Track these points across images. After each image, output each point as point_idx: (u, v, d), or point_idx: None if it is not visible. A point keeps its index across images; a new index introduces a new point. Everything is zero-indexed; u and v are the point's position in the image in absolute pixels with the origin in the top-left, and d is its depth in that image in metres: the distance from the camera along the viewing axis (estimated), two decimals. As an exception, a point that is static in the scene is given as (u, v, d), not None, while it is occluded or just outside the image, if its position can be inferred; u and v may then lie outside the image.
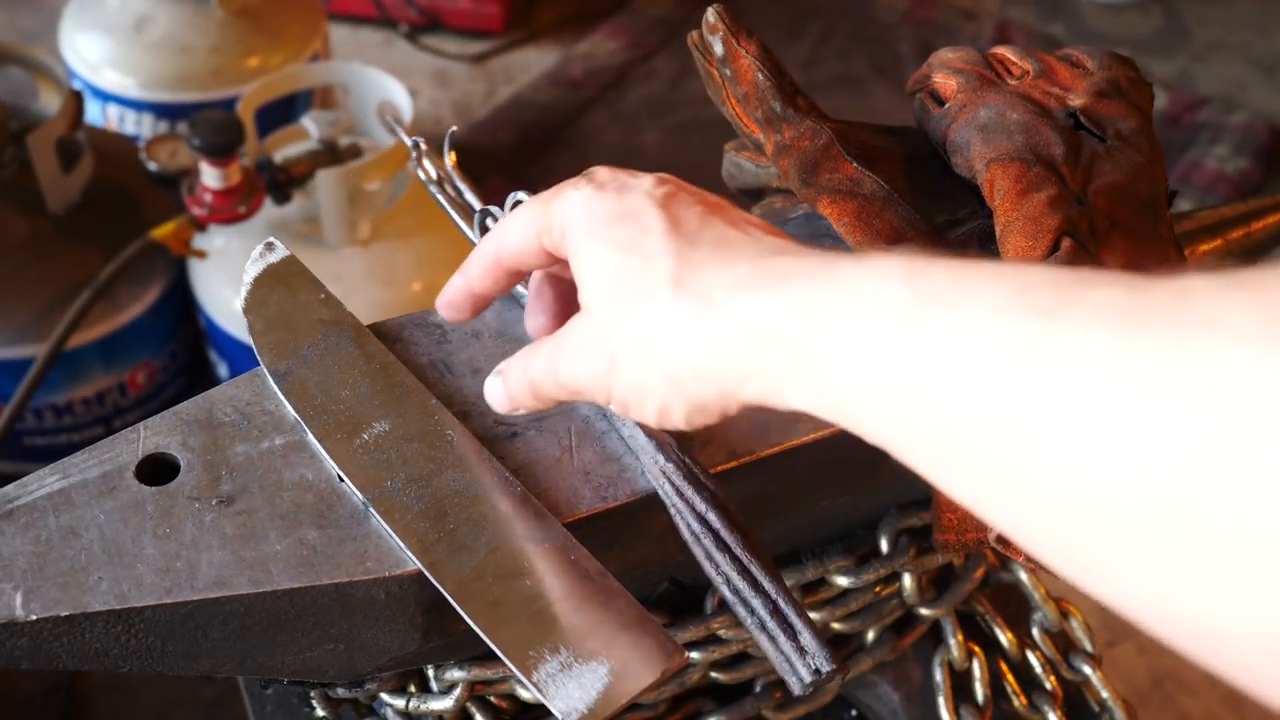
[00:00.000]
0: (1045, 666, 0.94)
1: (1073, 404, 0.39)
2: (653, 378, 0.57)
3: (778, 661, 0.66)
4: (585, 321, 0.61)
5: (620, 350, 0.58)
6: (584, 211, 0.61)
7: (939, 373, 0.44)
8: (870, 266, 0.50)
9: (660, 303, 0.56)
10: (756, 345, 0.53)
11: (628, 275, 0.58)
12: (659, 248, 0.57)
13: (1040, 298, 0.42)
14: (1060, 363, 0.40)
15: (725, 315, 0.54)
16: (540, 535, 0.68)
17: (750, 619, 0.66)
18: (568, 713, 0.61)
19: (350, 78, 2.04)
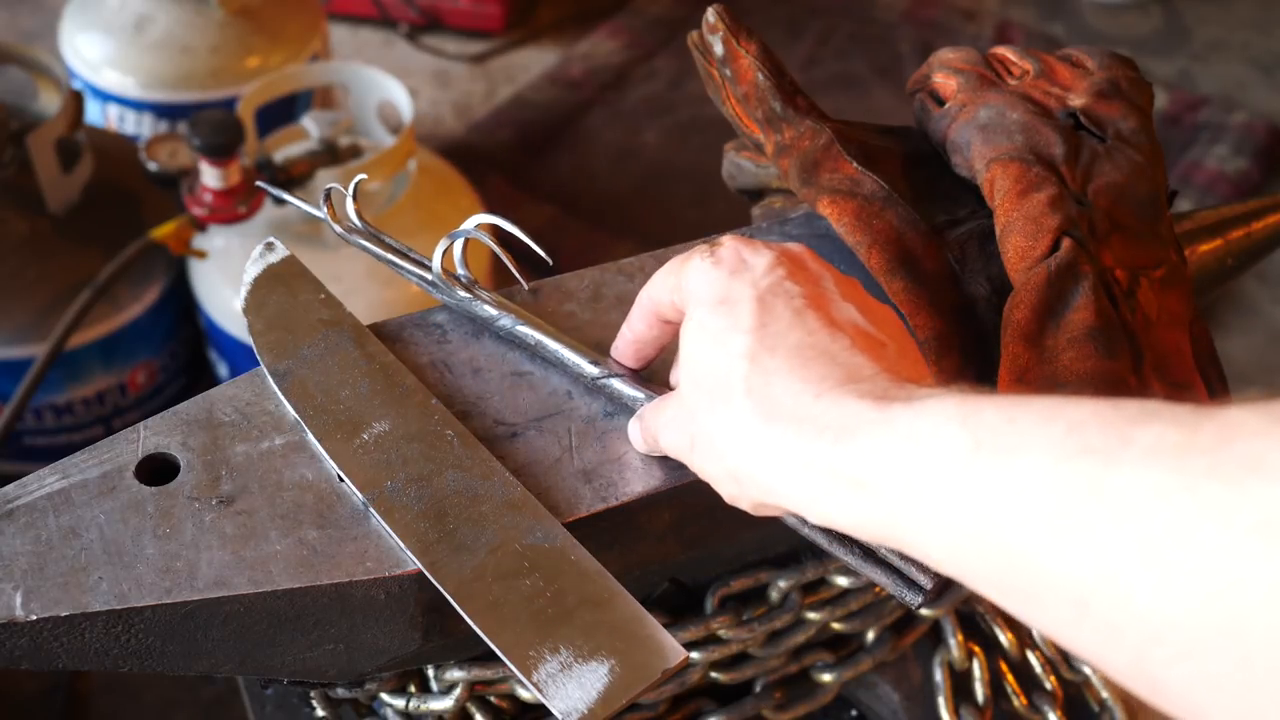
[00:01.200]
0: (1045, 666, 0.94)
1: (1132, 545, 0.42)
2: (721, 471, 0.62)
3: (892, 583, 0.67)
4: (676, 401, 0.67)
5: (699, 436, 0.63)
6: (698, 287, 0.64)
7: (1001, 515, 0.47)
8: (923, 411, 0.52)
9: (732, 406, 0.60)
10: (819, 481, 0.56)
11: (712, 369, 0.61)
12: (741, 348, 0.60)
13: (1092, 439, 0.44)
14: (1118, 505, 0.42)
15: (788, 445, 0.57)
16: (540, 535, 0.68)
17: (853, 552, 0.67)
18: (568, 713, 0.61)
19: (350, 78, 2.04)
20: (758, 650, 0.85)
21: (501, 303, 0.78)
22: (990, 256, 0.81)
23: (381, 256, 0.81)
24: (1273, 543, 0.38)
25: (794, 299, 0.61)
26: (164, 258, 1.91)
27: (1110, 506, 0.43)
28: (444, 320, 0.80)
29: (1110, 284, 0.76)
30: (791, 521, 0.69)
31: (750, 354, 0.60)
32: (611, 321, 0.80)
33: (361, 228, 0.82)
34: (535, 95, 2.92)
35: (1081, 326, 0.73)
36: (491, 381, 0.77)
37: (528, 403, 0.75)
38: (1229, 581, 0.39)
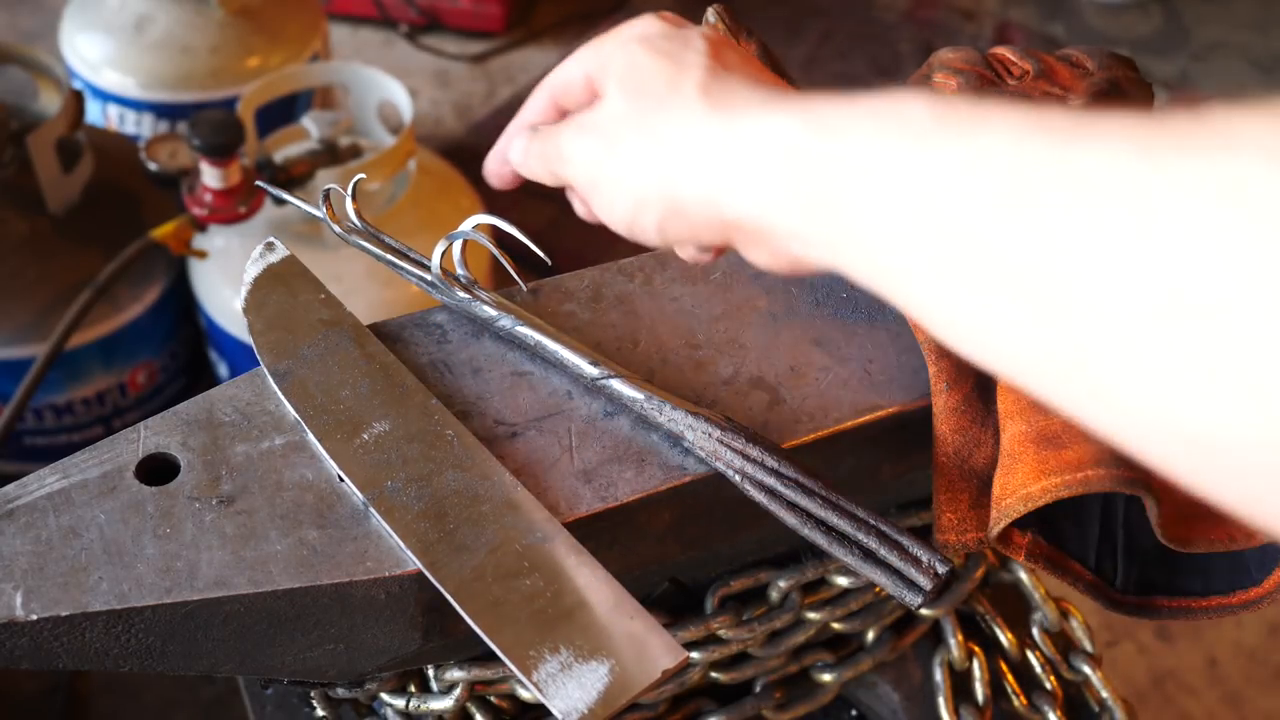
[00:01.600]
0: (1045, 666, 0.94)
1: (1093, 222, 0.39)
2: (646, 173, 0.60)
3: (891, 583, 0.67)
4: (603, 107, 0.64)
5: (625, 139, 0.61)
6: (639, 28, 0.65)
7: (954, 190, 0.45)
8: (892, 95, 0.51)
9: (681, 104, 0.59)
10: (764, 156, 0.54)
11: (658, 75, 0.61)
12: (696, 61, 0.61)
13: (1057, 121, 0.43)
14: (1075, 181, 0.40)
15: (741, 124, 0.56)
16: (540, 535, 0.68)
17: (853, 553, 0.67)
18: (568, 713, 0.61)
19: (350, 78, 2.04)
20: (758, 650, 0.85)
21: (501, 303, 0.78)
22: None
23: (381, 257, 0.81)
24: (1238, 210, 0.36)
25: (739, 53, 0.63)
26: (164, 258, 1.91)
27: (1065, 179, 0.41)
28: (444, 320, 0.80)
29: (1110, 284, 0.76)
30: (791, 522, 0.69)
31: (707, 66, 0.60)
32: (611, 321, 0.81)
33: (361, 228, 0.82)
34: (535, 95, 2.92)
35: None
36: (491, 381, 0.77)
37: (528, 403, 0.75)
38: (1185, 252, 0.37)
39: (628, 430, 0.74)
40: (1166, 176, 0.38)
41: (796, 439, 0.75)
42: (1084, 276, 0.40)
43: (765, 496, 0.69)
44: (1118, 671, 1.96)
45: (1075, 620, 0.92)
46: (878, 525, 0.68)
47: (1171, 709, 1.96)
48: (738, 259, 0.85)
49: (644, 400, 0.73)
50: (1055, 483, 0.68)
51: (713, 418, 0.71)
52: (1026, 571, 0.91)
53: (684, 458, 0.73)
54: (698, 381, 0.77)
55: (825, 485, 0.69)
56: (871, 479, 0.82)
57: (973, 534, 0.76)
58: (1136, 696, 1.92)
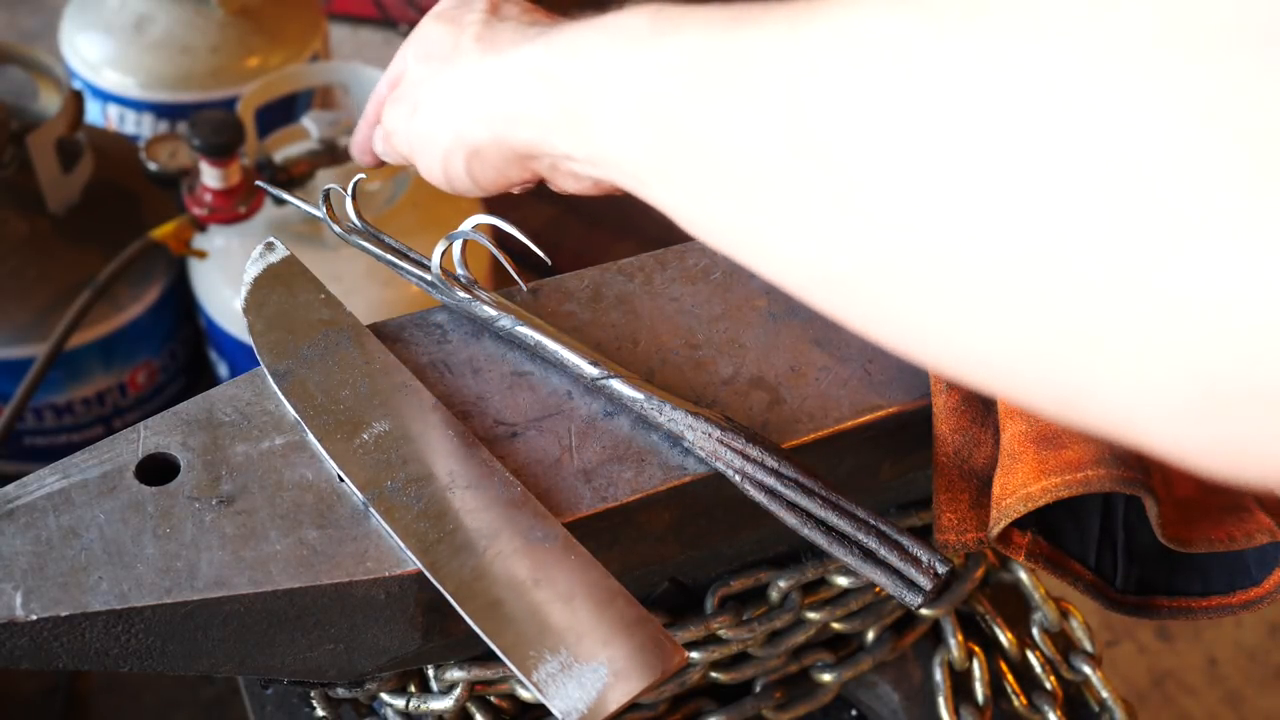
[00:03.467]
0: (1045, 666, 0.94)
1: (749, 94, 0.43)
2: (442, 124, 0.67)
3: (891, 583, 0.67)
4: (405, 77, 0.72)
5: (422, 99, 0.69)
6: (436, 7, 0.72)
7: (658, 88, 0.49)
8: (623, 11, 0.54)
9: (462, 57, 0.66)
10: (526, 85, 0.59)
11: (443, 38, 0.68)
12: (474, 19, 0.68)
13: (746, 14, 0.46)
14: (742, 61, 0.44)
15: (506, 59, 0.62)
16: (540, 535, 0.68)
17: (853, 554, 0.67)
18: (567, 713, 0.61)
19: (350, 78, 2.04)
20: (758, 650, 0.85)
21: (501, 303, 0.78)
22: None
23: (381, 257, 0.81)
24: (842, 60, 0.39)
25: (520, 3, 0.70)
26: (164, 258, 1.91)
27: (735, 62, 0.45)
28: (444, 320, 0.80)
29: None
30: (791, 522, 0.69)
31: (483, 21, 0.68)
32: (611, 321, 0.81)
33: (361, 228, 0.82)
34: (535, 95, 2.92)
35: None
36: (491, 381, 0.77)
37: (528, 403, 0.75)
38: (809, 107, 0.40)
39: (628, 430, 0.74)
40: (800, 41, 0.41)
41: (796, 439, 0.75)
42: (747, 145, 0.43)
43: (765, 496, 0.69)
44: (1118, 671, 1.96)
45: (1075, 620, 0.92)
46: (878, 525, 0.68)
47: (1171, 709, 1.96)
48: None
49: (644, 400, 0.73)
50: (1055, 483, 0.68)
51: (713, 418, 0.71)
52: (1026, 571, 0.91)
53: (684, 458, 0.73)
54: (698, 381, 0.77)
55: (825, 485, 0.69)
56: (871, 479, 0.82)
57: (973, 534, 0.76)
58: (1136, 696, 1.92)
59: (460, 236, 0.77)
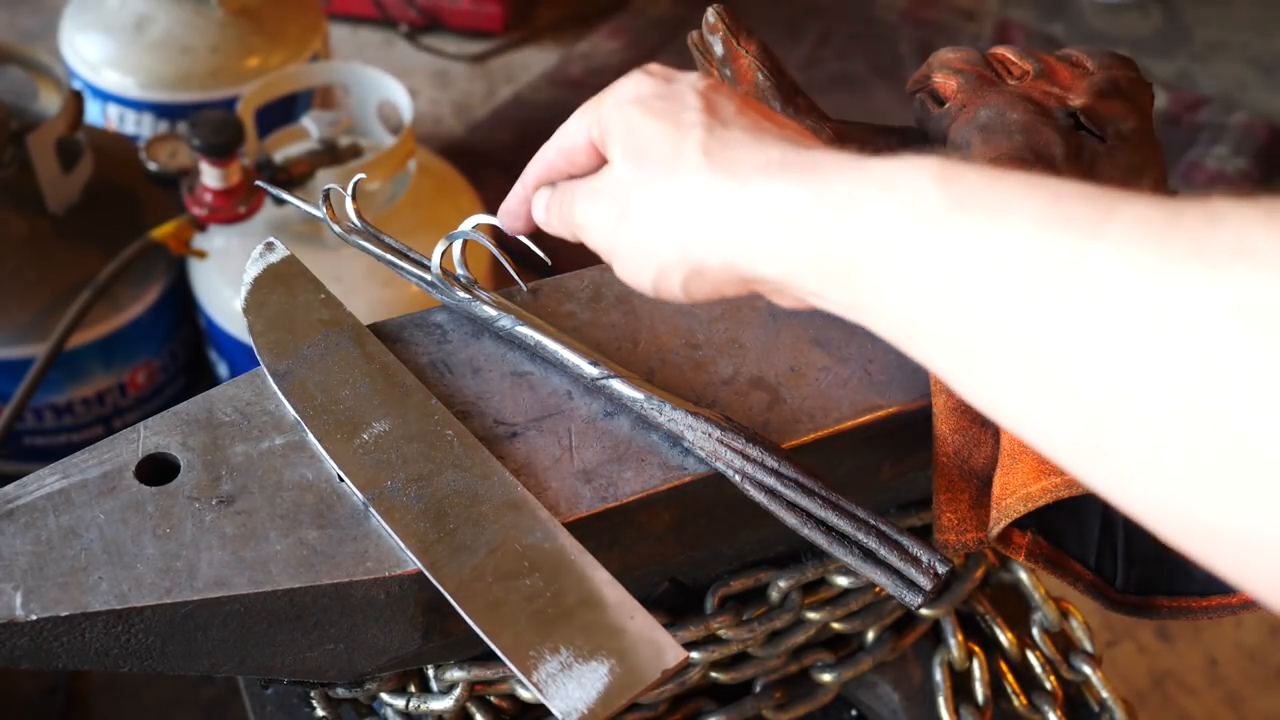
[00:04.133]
0: (1045, 666, 0.94)
1: (1109, 321, 0.41)
2: (661, 238, 0.60)
3: (891, 583, 0.67)
4: (609, 173, 0.64)
5: (636, 206, 0.61)
6: (631, 89, 0.64)
7: (974, 277, 0.46)
8: (904, 164, 0.51)
9: (687, 169, 0.59)
10: (777, 226, 0.54)
11: (659, 139, 0.61)
12: (692, 121, 0.60)
13: (1076, 210, 0.44)
14: (1095, 277, 0.42)
15: (751, 191, 0.56)
16: (540, 535, 0.68)
17: (853, 554, 0.67)
18: (568, 712, 0.61)
19: (350, 78, 2.04)
20: (758, 650, 0.85)
21: (501, 303, 0.78)
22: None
23: (381, 257, 0.81)
24: (1251, 327, 0.38)
25: (733, 98, 0.62)
26: (164, 258, 1.91)
27: (1087, 277, 0.42)
28: (444, 320, 0.80)
29: (1110, 284, 0.76)
30: (791, 522, 0.69)
31: (705, 124, 0.60)
32: (611, 321, 0.81)
33: (361, 228, 0.82)
34: (535, 95, 2.92)
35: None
36: (491, 381, 0.77)
37: (528, 403, 0.75)
38: (1200, 362, 0.39)
39: (628, 430, 0.74)
40: (1183, 285, 0.40)
41: (796, 439, 0.75)
42: (1101, 372, 0.42)
43: (765, 496, 0.69)
44: (1118, 671, 1.96)
45: (1075, 620, 0.92)
46: (878, 525, 0.68)
47: (1171, 709, 1.96)
48: (738, 259, 0.84)
49: (644, 400, 0.73)
50: (1055, 483, 0.68)
51: (713, 418, 0.71)
52: (1026, 571, 0.91)
53: (684, 458, 0.73)
54: (698, 381, 0.77)
55: (825, 485, 0.69)
56: (871, 479, 0.82)
57: (973, 534, 0.76)
58: (1136, 696, 1.92)
59: (460, 236, 0.77)
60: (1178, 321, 0.39)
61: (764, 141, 0.58)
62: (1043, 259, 0.44)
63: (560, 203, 0.68)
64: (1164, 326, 0.40)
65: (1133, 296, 0.41)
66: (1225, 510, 0.39)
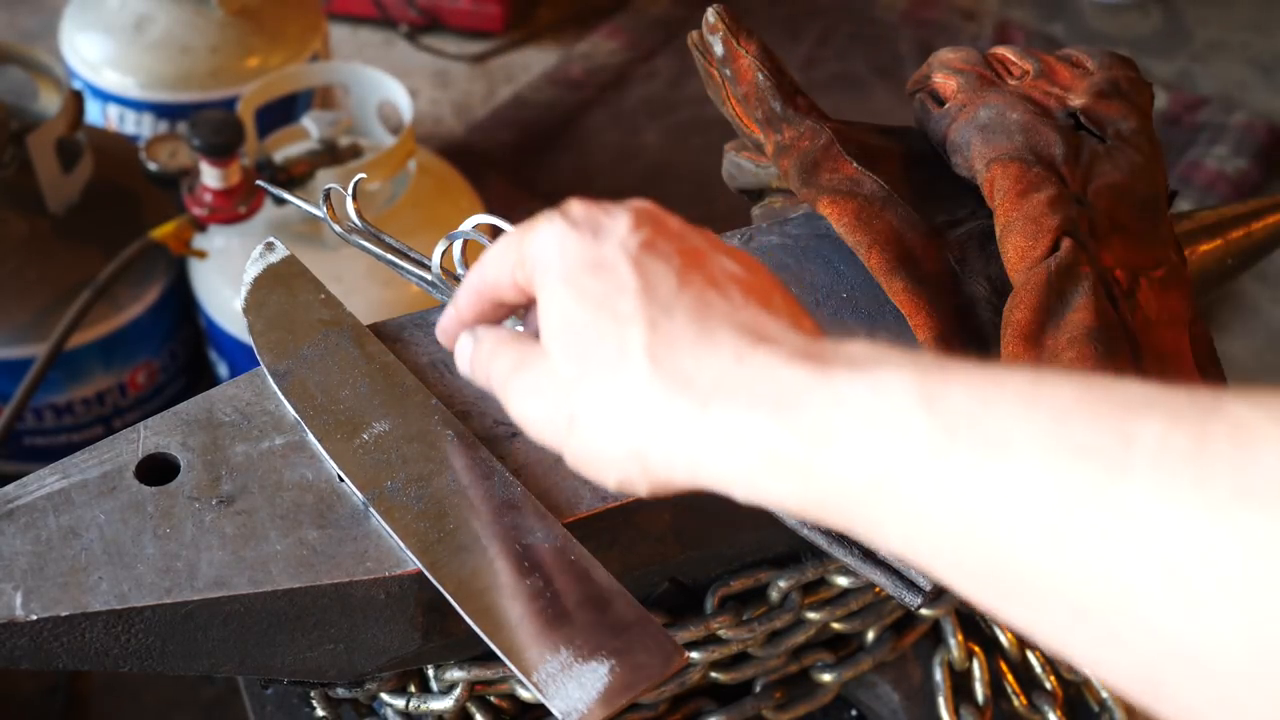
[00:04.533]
0: (1045, 666, 0.94)
1: (1148, 560, 0.39)
2: (618, 450, 0.54)
3: (891, 584, 0.67)
4: (546, 368, 0.57)
5: (582, 412, 0.55)
6: (556, 252, 0.57)
7: (987, 517, 0.43)
8: (879, 384, 0.46)
9: (634, 376, 0.53)
10: (750, 461, 0.50)
11: (598, 336, 0.54)
12: (631, 311, 0.54)
13: (1087, 437, 0.41)
14: (1129, 516, 0.39)
15: (713, 418, 0.50)
16: (540, 535, 0.68)
17: (853, 554, 0.67)
18: (568, 713, 0.61)
19: (350, 78, 2.04)
20: (758, 650, 0.85)
21: (501, 303, 0.78)
22: (990, 257, 0.81)
23: (381, 256, 0.81)
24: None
25: (670, 259, 0.55)
26: (164, 258, 1.91)
27: (1120, 517, 0.39)
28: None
29: (1110, 284, 0.76)
30: (791, 523, 0.69)
31: (646, 318, 0.53)
32: (611, 321, 0.80)
33: (361, 227, 0.82)
34: (535, 95, 2.92)
35: (1081, 327, 0.74)
36: (491, 381, 0.76)
37: (528, 403, 0.75)
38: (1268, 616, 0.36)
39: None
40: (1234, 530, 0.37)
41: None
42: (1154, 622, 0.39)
43: None
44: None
45: (1075, 620, 0.92)
46: None
47: (1171, 709, 1.95)
48: (738, 259, 0.84)
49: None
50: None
51: None
52: (1026, 571, 0.91)
53: (684, 458, 0.73)
54: (698, 381, 0.77)
55: None
56: (871, 479, 0.82)
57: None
58: (1136, 696, 1.91)
59: (460, 236, 0.77)
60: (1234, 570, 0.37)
61: (714, 337, 0.52)
62: (1063, 497, 0.41)
63: (489, 376, 0.62)
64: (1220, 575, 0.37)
65: (1173, 539, 0.38)
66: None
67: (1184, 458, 0.39)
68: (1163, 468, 0.39)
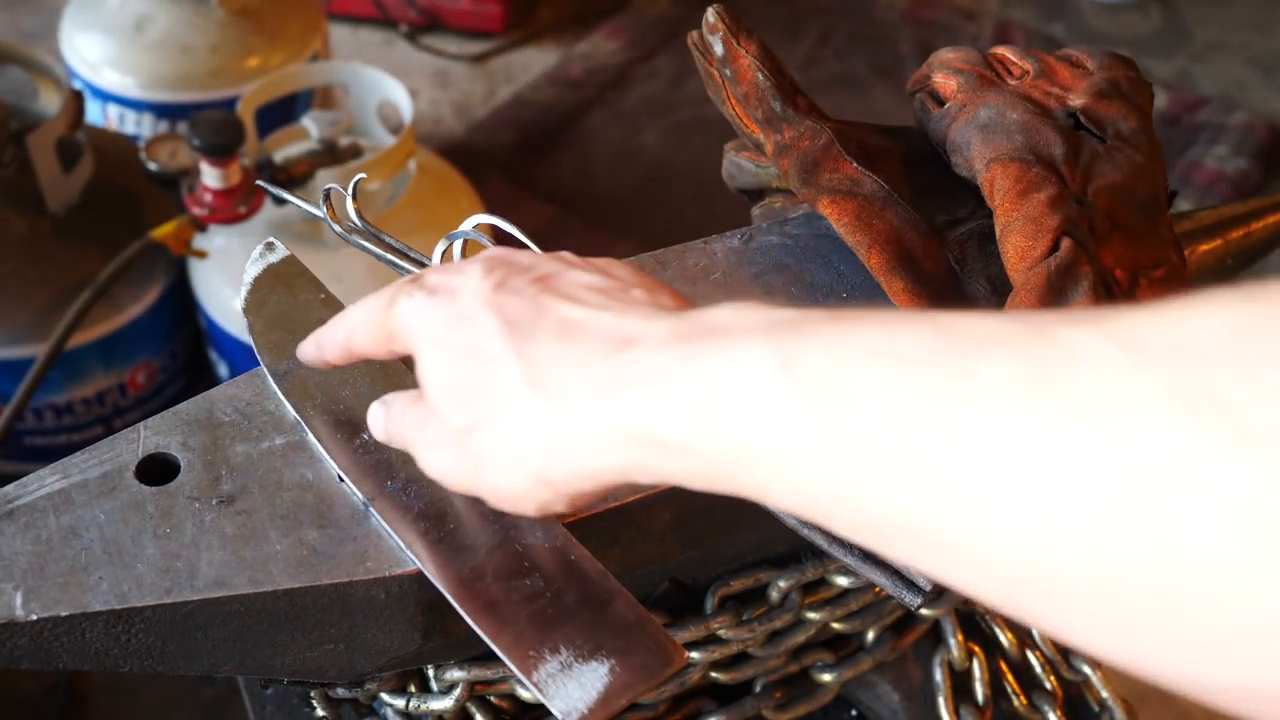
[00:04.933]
0: (1045, 666, 0.94)
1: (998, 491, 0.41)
2: (524, 481, 0.56)
3: (891, 584, 0.67)
4: (440, 417, 0.59)
5: (483, 455, 0.57)
6: (420, 323, 0.59)
7: (850, 470, 0.45)
8: (736, 358, 0.48)
9: (516, 407, 0.55)
10: (637, 449, 0.52)
11: (473, 381, 0.56)
12: (499, 350, 0.56)
13: (935, 382, 0.43)
14: (977, 451, 0.41)
15: (594, 419, 0.52)
16: (540, 535, 0.68)
17: (853, 554, 0.67)
18: (568, 712, 0.61)
19: (350, 78, 2.04)
20: (758, 650, 0.85)
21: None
22: (990, 256, 0.81)
23: (381, 256, 0.81)
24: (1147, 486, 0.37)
25: (523, 291, 0.57)
26: (164, 258, 1.91)
27: (969, 453, 0.41)
28: (444, 320, 0.80)
29: (1110, 284, 0.76)
30: (791, 522, 0.69)
31: (514, 350, 0.55)
32: (611, 321, 0.80)
33: (361, 227, 0.82)
34: (535, 95, 2.92)
35: (1081, 326, 0.73)
36: (491, 381, 0.76)
37: (528, 403, 0.75)
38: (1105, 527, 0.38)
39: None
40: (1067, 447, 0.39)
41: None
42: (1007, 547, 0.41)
43: None
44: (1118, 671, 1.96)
45: (1075, 620, 0.92)
46: None
47: (1171, 709, 1.95)
48: (737, 258, 0.85)
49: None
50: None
51: None
52: (1026, 571, 0.91)
53: (684, 458, 0.73)
54: (698, 381, 0.77)
55: None
56: (871, 479, 0.82)
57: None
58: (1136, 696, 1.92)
59: (460, 236, 0.77)
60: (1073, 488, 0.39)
61: (576, 344, 0.54)
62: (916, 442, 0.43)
63: (402, 438, 0.64)
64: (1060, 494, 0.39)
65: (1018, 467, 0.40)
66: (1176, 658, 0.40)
67: (1023, 386, 0.41)
68: (1003, 400, 0.41)
